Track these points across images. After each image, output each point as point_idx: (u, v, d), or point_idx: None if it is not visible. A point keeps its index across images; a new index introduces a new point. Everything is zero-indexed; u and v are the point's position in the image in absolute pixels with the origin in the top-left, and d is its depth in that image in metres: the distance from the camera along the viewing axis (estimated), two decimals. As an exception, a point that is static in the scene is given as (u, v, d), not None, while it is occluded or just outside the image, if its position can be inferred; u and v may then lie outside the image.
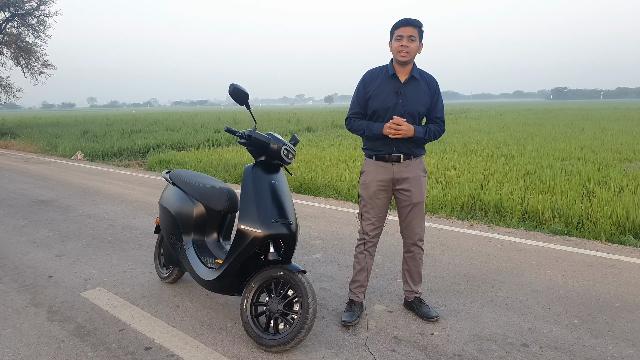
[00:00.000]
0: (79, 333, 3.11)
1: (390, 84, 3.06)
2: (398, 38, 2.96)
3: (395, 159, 3.08)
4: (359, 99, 3.16)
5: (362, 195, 3.19)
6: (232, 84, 2.96)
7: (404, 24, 2.94)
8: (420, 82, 3.09)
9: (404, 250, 3.32)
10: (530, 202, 6.25)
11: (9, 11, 24.48)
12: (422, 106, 3.07)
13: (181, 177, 3.68)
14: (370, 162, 3.16)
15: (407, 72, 3.07)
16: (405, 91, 3.04)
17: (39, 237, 5.35)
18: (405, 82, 3.05)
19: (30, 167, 11.76)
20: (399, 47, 2.95)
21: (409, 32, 2.93)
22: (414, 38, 2.95)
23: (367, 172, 3.17)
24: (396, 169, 3.09)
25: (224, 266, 3.01)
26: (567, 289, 3.70)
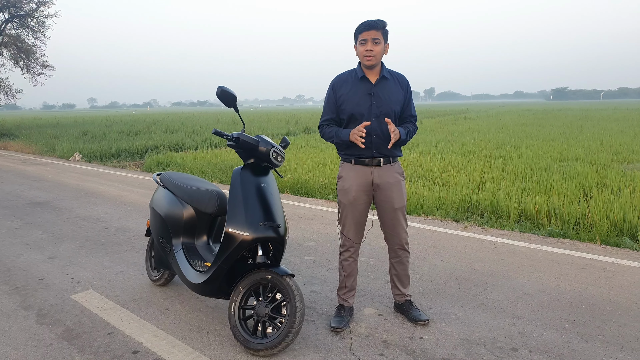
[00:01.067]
0: (67, 336, 3.10)
1: (361, 86, 3.02)
2: (362, 42, 2.93)
3: (376, 163, 3.04)
4: (330, 105, 3.12)
5: (342, 201, 3.13)
6: (219, 87, 2.95)
7: (367, 27, 2.89)
8: (391, 81, 3.07)
9: (391, 256, 3.28)
10: (527, 203, 6.23)
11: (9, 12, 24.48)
12: (397, 105, 3.04)
13: (171, 180, 3.66)
14: (349, 166, 3.10)
15: (377, 73, 3.04)
16: (378, 92, 3.00)
17: (32, 239, 5.34)
18: (377, 82, 3.02)
19: (27, 169, 11.75)
20: (364, 51, 2.92)
21: (372, 35, 2.89)
22: (378, 40, 2.91)
23: (345, 177, 3.11)
24: (376, 173, 3.05)
25: (211, 269, 3.00)
26: (558, 292, 3.68)
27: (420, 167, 9.53)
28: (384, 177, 3.05)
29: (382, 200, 3.10)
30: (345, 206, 3.12)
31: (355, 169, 3.07)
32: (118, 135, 20.27)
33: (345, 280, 3.23)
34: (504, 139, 14.70)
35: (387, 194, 3.07)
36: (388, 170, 3.07)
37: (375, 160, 3.03)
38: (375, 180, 3.05)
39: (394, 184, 3.07)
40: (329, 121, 3.14)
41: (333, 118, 3.12)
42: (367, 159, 3.03)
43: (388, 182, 3.06)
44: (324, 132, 3.14)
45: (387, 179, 3.06)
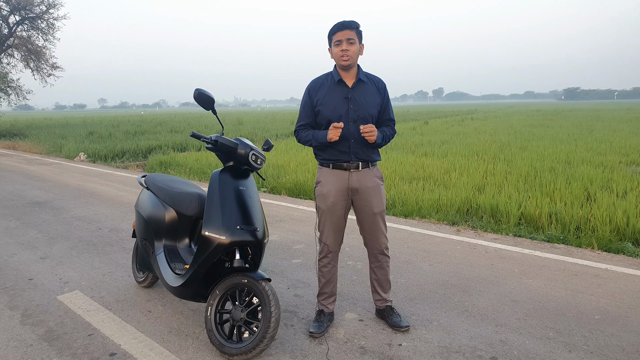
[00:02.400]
0: (48, 337, 3.11)
1: (337, 90, 2.98)
2: (337, 43, 2.90)
3: (354, 167, 3.00)
4: (306, 110, 3.08)
5: (320, 206, 3.09)
6: (197, 89, 2.94)
7: (340, 27, 2.86)
8: (368, 84, 3.02)
9: (370, 261, 3.23)
10: (527, 206, 6.16)
11: (20, 15, 24.76)
12: (374, 108, 3.00)
13: (155, 182, 3.66)
14: (327, 171, 3.06)
15: (354, 76, 3.00)
16: (355, 95, 2.96)
17: (27, 239, 5.37)
18: (353, 86, 2.98)
19: (31, 169, 11.86)
20: (339, 52, 2.89)
21: (347, 35, 2.86)
22: (353, 40, 2.88)
23: (323, 182, 3.07)
24: (354, 177, 3.01)
25: (188, 273, 2.99)
26: (546, 299, 3.63)
27: (422, 169, 9.47)
28: (363, 181, 3.02)
29: (361, 204, 3.06)
30: (323, 212, 3.08)
31: (333, 174, 3.03)
32: (124, 135, 20.41)
33: (325, 286, 3.21)
34: (510, 140, 14.56)
35: (366, 198, 3.03)
36: (367, 174, 3.03)
37: (353, 165, 3.00)
38: (354, 185, 3.02)
39: (372, 188, 3.04)
40: (305, 126, 3.10)
41: (309, 123, 3.08)
42: (345, 163, 3.00)
43: (367, 187, 3.02)
44: (300, 136, 3.10)
45: (365, 183, 3.02)
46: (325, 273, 3.18)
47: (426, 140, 15.62)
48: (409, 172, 9.09)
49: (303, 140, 3.08)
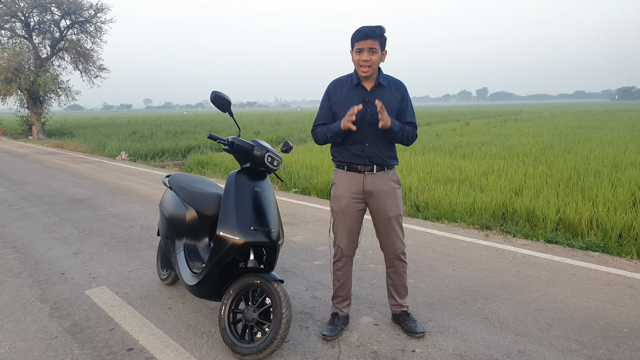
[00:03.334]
0: (72, 330, 3.23)
1: (356, 93, 2.96)
2: (358, 51, 2.85)
3: (369, 170, 2.98)
4: (324, 110, 3.07)
5: (334, 208, 3.09)
6: (213, 91, 2.99)
7: (363, 36, 2.80)
8: (387, 88, 2.98)
9: (387, 265, 3.19)
10: (566, 211, 5.94)
11: (70, 19, 25.86)
12: (392, 113, 2.95)
13: (177, 182, 3.75)
14: (342, 173, 3.06)
15: (373, 80, 2.97)
16: (373, 99, 2.92)
17: (63, 235, 5.60)
18: (372, 89, 2.95)
19: (75, 167, 12.37)
20: (359, 60, 2.85)
21: (369, 45, 2.81)
22: (375, 50, 2.83)
23: (338, 183, 3.07)
24: (368, 180, 2.99)
25: (204, 272, 3.04)
26: (573, 309, 3.48)
27: (459, 171, 9.28)
28: (377, 184, 2.99)
29: (376, 208, 3.04)
30: (337, 214, 3.07)
31: (348, 176, 3.02)
32: (165, 135, 20.96)
33: (339, 290, 3.19)
34: (554, 142, 14.05)
35: (381, 201, 3.01)
36: (382, 177, 3.00)
37: (368, 168, 2.98)
38: (368, 188, 2.99)
39: (387, 192, 3.00)
40: (321, 126, 3.09)
41: (326, 123, 3.07)
42: (360, 166, 2.98)
43: (381, 190, 2.99)
44: (317, 132, 3.08)
45: (380, 186, 2.99)
46: (339, 277, 3.17)
47: (465, 141, 15.31)
48: (444, 174, 8.93)
49: (320, 136, 3.04)
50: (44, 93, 24.61)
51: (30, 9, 24.47)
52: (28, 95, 24.34)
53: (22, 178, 10.31)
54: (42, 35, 25.94)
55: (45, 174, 10.98)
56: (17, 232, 5.73)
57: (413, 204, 7.07)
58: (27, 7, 24.30)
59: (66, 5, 24.54)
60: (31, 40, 25.11)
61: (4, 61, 23.01)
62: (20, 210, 6.99)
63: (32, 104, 24.84)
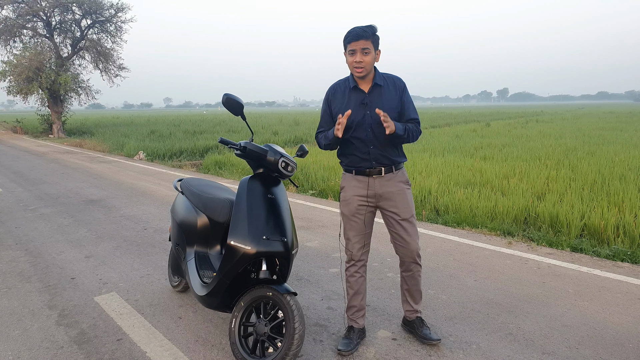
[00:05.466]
0: (79, 340, 3.14)
1: (354, 96, 2.89)
2: (351, 52, 2.79)
3: (376, 173, 2.90)
4: (325, 117, 3.03)
5: (344, 212, 3.02)
6: (225, 94, 2.86)
7: (355, 37, 2.74)
8: (385, 87, 2.90)
9: (402, 269, 3.09)
10: (591, 217, 5.70)
11: (91, 18, 26.12)
12: (393, 111, 2.87)
13: (189, 187, 3.63)
14: (350, 176, 2.99)
15: (370, 80, 2.89)
16: (372, 100, 2.86)
17: (76, 237, 5.54)
18: (370, 91, 2.88)
19: (92, 166, 12.41)
20: (353, 62, 2.79)
21: (361, 45, 2.75)
22: (367, 50, 2.76)
23: (346, 187, 3.00)
24: (378, 183, 2.92)
25: (214, 282, 2.91)
26: (604, 325, 3.27)
27: (480, 173, 9.05)
28: (386, 186, 2.92)
29: (387, 211, 2.97)
30: (347, 218, 3.00)
31: (356, 179, 2.97)
32: (183, 134, 21.01)
33: (353, 299, 3.06)
34: (577, 145, 13.68)
35: (391, 204, 2.93)
36: (390, 179, 2.93)
37: (375, 171, 2.91)
38: (377, 191, 2.93)
39: (397, 193, 2.92)
40: (323, 132, 3.04)
41: (327, 130, 3.01)
42: (367, 169, 2.92)
43: (390, 192, 2.92)
44: (319, 139, 3.04)
45: (389, 188, 2.92)
46: (353, 283, 3.05)
47: (486, 143, 15.01)
48: (465, 177, 8.71)
49: (321, 144, 3.01)
50: (64, 92, 24.87)
51: (52, 9, 24.76)
52: (49, 94, 24.64)
53: (39, 177, 10.36)
54: (63, 35, 26.24)
55: (63, 173, 11.03)
56: (31, 234, 5.69)
57: (433, 208, 6.88)
58: (49, 7, 24.60)
59: (87, 4, 24.77)
60: (52, 39, 25.43)
61: (25, 60, 23.33)
62: (35, 211, 6.98)
63: (52, 103, 25.13)
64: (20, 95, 24.35)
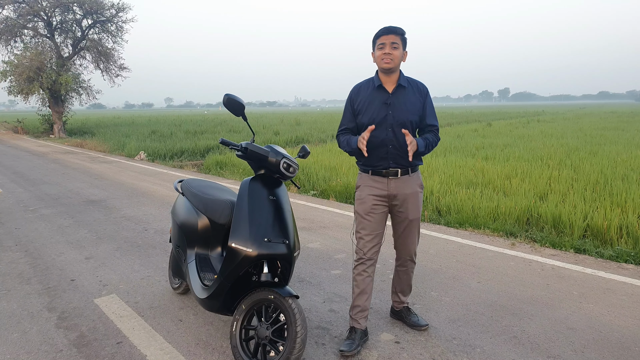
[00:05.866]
0: (78, 343, 3.10)
1: (377, 95, 2.93)
2: (380, 46, 2.86)
3: (393, 174, 2.94)
4: (347, 115, 3.06)
5: (358, 211, 3.05)
6: (226, 94, 2.83)
7: (385, 32, 2.83)
8: (409, 89, 2.95)
9: (397, 264, 3.24)
10: (594, 217, 5.66)
11: (92, 18, 26.09)
12: (414, 114, 2.93)
13: (190, 188, 3.60)
14: (366, 176, 3.03)
15: (394, 81, 2.94)
16: (395, 101, 2.91)
17: (76, 238, 5.51)
18: (394, 91, 2.92)
19: (93, 167, 12.38)
20: (381, 55, 2.85)
21: (391, 40, 2.83)
22: (396, 45, 2.83)
23: (362, 186, 3.04)
24: (393, 184, 2.95)
25: (214, 285, 2.88)
26: (609, 328, 3.23)
27: (482, 174, 9.01)
28: (402, 188, 2.96)
29: (397, 211, 3.03)
30: (361, 217, 3.03)
31: (372, 180, 3.00)
32: (185, 135, 20.98)
33: (358, 298, 3.05)
34: (579, 145, 13.63)
35: (403, 205, 3.00)
36: (406, 181, 2.97)
37: (392, 172, 2.94)
38: (392, 192, 2.97)
39: (410, 195, 2.99)
40: (345, 131, 3.09)
41: (350, 128, 3.07)
42: (384, 170, 2.94)
43: (405, 194, 2.98)
44: (340, 141, 3.09)
45: (404, 190, 2.97)
46: (360, 282, 3.04)
47: (488, 143, 14.97)
48: (467, 177, 8.67)
49: (342, 147, 3.05)
50: (65, 92, 24.84)
51: (53, 9, 24.74)
52: (50, 94, 24.62)
53: (40, 178, 10.33)
54: (64, 35, 26.22)
55: (63, 173, 11.00)
56: (30, 235, 5.66)
57: (435, 208, 6.84)
58: (50, 7, 24.58)
59: (88, 4, 24.75)
60: (53, 39, 25.40)
61: (26, 60, 23.31)
62: (35, 211, 6.95)
63: (53, 103, 25.11)
64: (21, 95, 24.32)
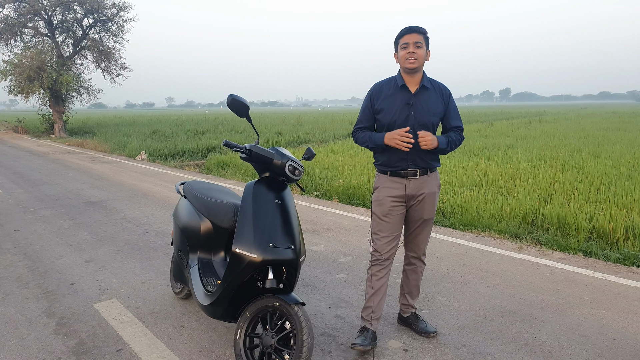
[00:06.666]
0: (77, 350, 3.02)
1: (400, 95, 2.88)
2: (404, 46, 2.81)
3: (412, 175, 2.89)
4: (366, 114, 3.01)
5: (376, 212, 3.00)
6: (230, 95, 2.74)
7: (408, 31, 2.80)
8: (431, 91, 2.91)
9: (405, 262, 3.17)
10: (600, 219, 5.58)
11: (93, 17, 26.01)
12: (436, 116, 2.89)
13: (192, 191, 3.51)
14: (384, 177, 2.97)
15: (417, 82, 2.88)
16: (417, 102, 2.86)
17: (76, 240, 5.43)
18: (416, 92, 2.88)
19: (94, 167, 12.29)
20: (405, 54, 2.80)
21: (414, 39, 2.79)
22: (420, 44, 2.79)
23: (380, 187, 2.99)
24: (412, 185, 2.90)
25: (218, 291, 2.79)
26: (623, 335, 3.15)
27: (485, 174, 8.93)
28: (420, 189, 2.94)
29: (413, 209, 2.99)
30: (379, 218, 2.98)
31: (391, 180, 2.96)
32: (186, 134, 20.90)
33: (371, 298, 3.00)
34: (581, 145, 13.54)
35: (420, 205, 2.97)
36: (425, 182, 2.94)
37: (411, 172, 2.89)
38: (411, 192, 2.93)
39: (427, 196, 2.96)
40: (363, 129, 3.04)
41: (367, 127, 3.03)
42: (403, 171, 2.89)
43: (423, 194, 2.95)
44: (358, 137, 3.05)
45: (422, 190, 2.95)
46: (374, 283, 2.99)
47: (490, 143, 14.88)
48: (470, 178, 8.59)
49: (360, 142, 3.02)
50: (66, 91, 24.76)
51: (53, 8, 24.66)
52: (50, 94, 24.54)
53: (40, 178, 10.25)
54: (64, 34, 26.14)
55: (63, 174, 10.91)
56: (30, 237, 5.57)
57: (439, 210, 6.76)
58: (50, 6, 24.50)
59: (89, 3, 24.66)
60: (54, 38, 25.32)
61: (26, 59, 23.23)
62: (34, 212, 6.86)
63: (54, 103, 25.03)
64: (21, 94, 24.24)
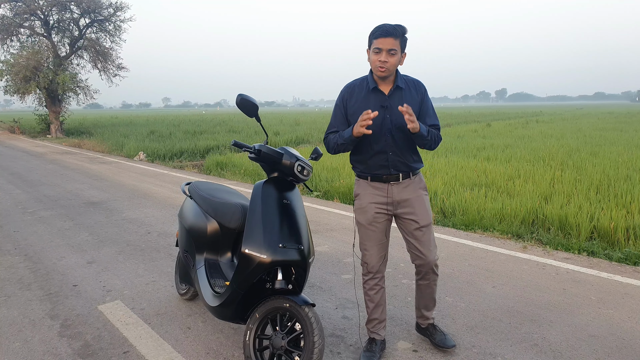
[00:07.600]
0: (83, 353, 2.98)
1: (373, 98, 2.72)
2: (376, 51, 2.60)
3: (394, 179, 2.75)
4: (338, 118, 2.83)
5: (360, 220, 2.85)
6: (239, 95, 2.71)
7: (383, 34, 2.55)
8: (406, 90, 2.74)
9: (418, 277, 2.94)
10: (600, 219, 5.58)
11: (90, 17, 25.90)
12: None
13: (198, 191, 3.48)
14: (365, 183, 2.82)
15: (391, 82, 2.72)
16: (392, 104, 2.68)
17: (77, 242, 5.38)
18: (390, 93, 2.71)
19: (92, 167, 12.23)
20: (376, 61, 2.60)
21: (388, 46, 2.56)
22: (394, 52, 2.59)
23: (362, 194, 2.84)
24: (395, 190, 2.76)
25: (227, 292, 2.76)
26: (632, 335, 3.13)
27: (484, 174, 8.94)
28: (403, 193, 2.78)
29: (404, 218, 2.80)
30: (364, 227, 2.83)
31: (372, 186, 2.80)
32: (184, 135, 20.83)
33: (374, 312, 2.91)
34: (579, 145, 13.58)
35: (409, 210, 2.78)
36: (408, 185, 2.79)
37: (393, 177, 2.75)
38: (395, 197, 2.77)
39: (415, 199, 2.78)
40: (334, 133, 2.83)
41: (339, 131, 2.82)
42: (384, 176, 2.76)
43: (408, 198, 2.78)
44: (329, 140, 2.83)
45: (407, 195, 2.78)
46: (373, 296, 2.90)
47: (488, 143, 14.90)
48: (470, 178, 8.59)
49: (332, 144, 2.79)
50: (62, 92, 24.65)
51: (50, 7, 24.54)
52: (47, 94, 24.43)
53: (38, 179, 10.18)
54: (61, 34, 26.02)
55: (62, 174, 10.85)
56: (30, 238, 5.53)
57: (439, 210, 6.75)
58: (47, 6, 24.38)
59: (85, 3, 24.56)
60: (50, 38, 25.21)
61: (23, 60, 23.11)
62: (34, 213, 6.81)
63: (50, 103, 24.91)
64: (17, 94, 24.13)
